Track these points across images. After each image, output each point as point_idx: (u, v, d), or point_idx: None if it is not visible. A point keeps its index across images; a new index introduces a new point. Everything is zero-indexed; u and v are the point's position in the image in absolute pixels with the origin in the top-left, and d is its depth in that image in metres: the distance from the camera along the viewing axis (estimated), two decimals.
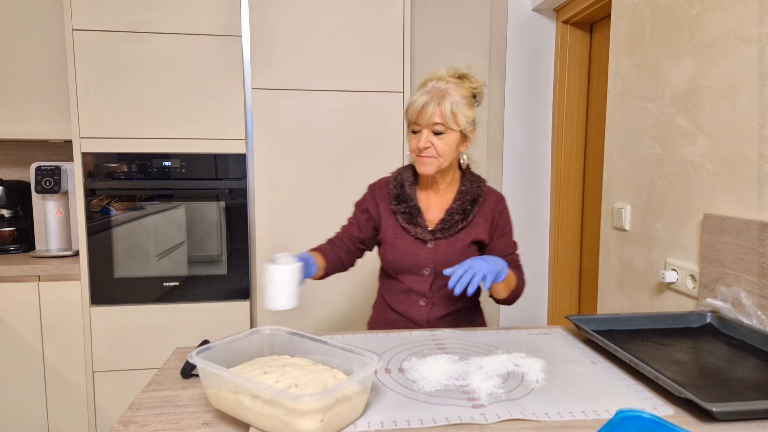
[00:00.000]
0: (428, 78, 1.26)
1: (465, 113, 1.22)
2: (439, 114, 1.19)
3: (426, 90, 1.21)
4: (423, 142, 1.21)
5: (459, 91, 1.22)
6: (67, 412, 2.02)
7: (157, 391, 0.89)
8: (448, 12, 2.42)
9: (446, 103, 1.19)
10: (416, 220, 1.30)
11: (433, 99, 1.19)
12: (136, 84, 1.95)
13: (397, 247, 1.30)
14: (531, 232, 2.54)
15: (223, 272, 2.06)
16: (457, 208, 1.30)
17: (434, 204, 1.33)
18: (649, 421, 0.70)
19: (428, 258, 1.28)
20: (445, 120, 1.19)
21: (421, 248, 1.29)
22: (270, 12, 2.00)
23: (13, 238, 2.24)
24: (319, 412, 0.69)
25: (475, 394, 0.84)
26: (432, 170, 1.24)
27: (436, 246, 1.29)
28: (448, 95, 1.20)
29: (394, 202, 1.32)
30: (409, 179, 1.34)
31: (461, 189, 1.32)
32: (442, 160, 1.23)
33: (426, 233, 1.29)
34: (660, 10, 1.46)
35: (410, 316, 1.31)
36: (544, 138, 2.50)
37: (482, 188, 1.34)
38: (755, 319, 1.09)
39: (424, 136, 1.21)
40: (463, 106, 1.22)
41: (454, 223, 1.29)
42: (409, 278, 1.31)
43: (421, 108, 1.19)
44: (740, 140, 1.19)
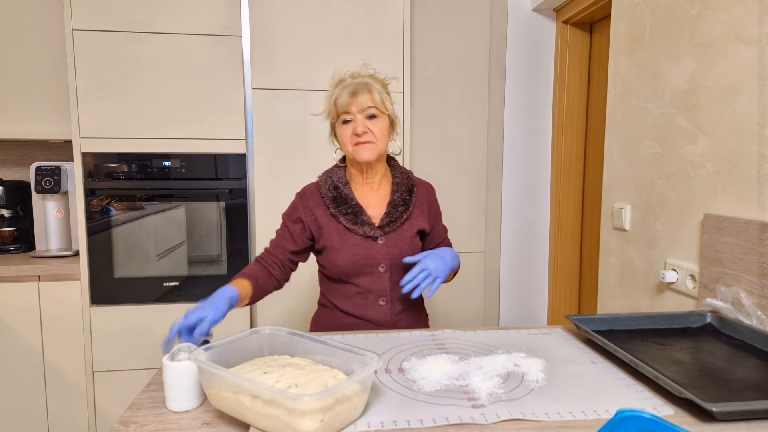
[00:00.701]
0: (341, 76, 1.27)
1: (389, 101, 1.26)
2: (370, 100, 1.22)
3: (346, 84, 1.24)
4: (361, 127, 1.22)
5: (377, 82, 1.26)
6: (67, 412, 2.02)
7: (157, 391, 0.89)
8: (448, 12, 2.42)
9: (374, 90, 1.23)
10: (360, 219, 1.28)
11: (361, 87, 1.22)
12: (136, 84, 1.95)
13: (346, 250, 1.27)
14: (531, 232, 2.54)
15: (223, 272, 2.06)
16: (398, 200, 1.31)
17: (372, 200, 1.32)
18: (649, 421, 0.70)
19: (381, 254, 1.27)
20: (376, 104, 1.22)
21: (372, 246, 1.27)
22: (270, 12, 2.00)
23: (13, 238, 2.24)
24: (319, 412, 0.69)
25: (475, 394, 0.84)
26: (373, 155, 1.24)
27: (387, 241, 1.28)
28: (371, 84, 1.23)
29: (332, 206, 1.29)
30: (342, 179, 1.31)
31: (395, 181, 1.34)
32: (380, 145, 1.25)
33: (374, 230, 1.28)
34: (660, 10, 1.46)
35: (370, 318, 1.29)
36: (544, 138, 2.50)
37: (412, 178, 1.37)
38: (755, 319, 1.09)
39: (359, 121, 1.22)
40: (385, 94, 1.26)
41: (398, 215, 1.30)
42: (364, 279, 1.28)
43: (352, 96, 1.21)
44: (740, 140, 1.19)
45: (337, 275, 1.31)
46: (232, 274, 2.06)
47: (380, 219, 1.29)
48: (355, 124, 1.23)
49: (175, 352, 0.85)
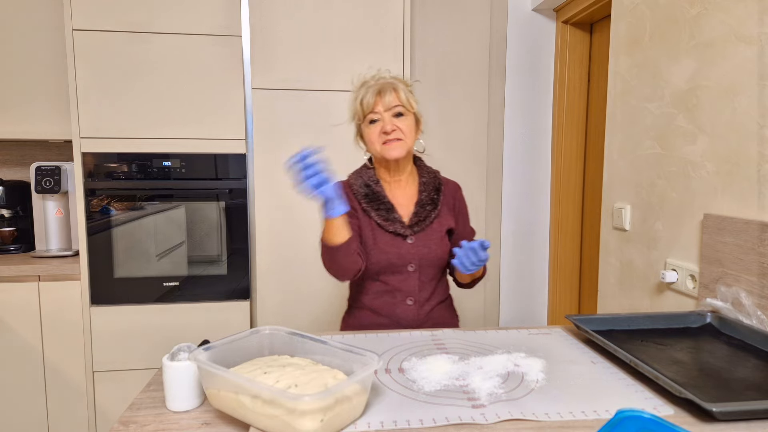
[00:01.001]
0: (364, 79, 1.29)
1: (414, 99, 1.27)
2: (396, 98, 1.23)
3: (371, 84, 1.25)
4: (389, 125, 1.22)
5: (401, 82, 1.27)
6: (67, 412, 2.02)
7: (157, 391, 0.89)
8: (448, 12, 2.42)
9: (399, 88, 1.24)
10: (392, 216, 1.29)
11: (386, 87, 1.23)
12: (136, 84, 1.95)
13: (378, 247, 1.27)
14: (531, 232, 2.54)
15: (223, 272, 2.06)
16: (426, 199, 1.32)
17: (400, 199, 1.33)
18: (649, 421, 0.70)
19: (411, 253, 1.28)
20: (403, 102, 1.23)
21: (402, 244, 1.28)
22: (270, 12, 2.00)
23: (13, 238, 2.24)
24: (319, 412, 0.69)
25: (475, 394, 0.84)
26: (402, 153, 1.25)
27: (416, 240, 1.29)
28: (396, 84, 1.25)
29: (365, 201, 1.30)
30: (372, 178, 1.33)
31: (422, 180, 1.35)
32: (408, 141, 1.25)
33: (404, 228, 1.28)
34: (660, 10, 1.46)
35: (398, 317, 1.29)
36: (544, 138, 2.50)
37: (438, 177, 1.38)
38: (755, 319, 1.09)
39: (387, 119, 1.23)
40: (410, 94, 1.27)
41: (427, 214, 1.30)
42: (393, 278, 1.29)
43: (378, 96, 1.22)
44: (740, 140, 1.19)
45: (370, 272, 1.31)
46: (232, 274, 2.06)
47: (409, 218, 1.30)
48: (382, 122, 1.23)
49: (175, 352, 0.86)
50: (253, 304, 2.11)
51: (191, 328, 2.04)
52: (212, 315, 2.05)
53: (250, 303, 2.09)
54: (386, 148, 1.24)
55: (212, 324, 2.05)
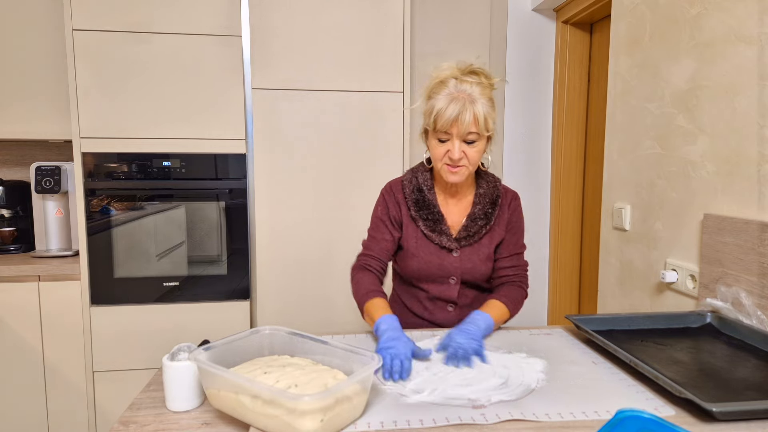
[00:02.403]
0: (444, 76, 1.15)
1: (492, 117, 1.14)
2: (474, 123, 1.10)
3: (451, 94, 1.11)
4: (457, 154, 1.12)
5: (484, 93, 1.13)
6: (67, 412, 2.02)
7: (157, 391, 0.89)
8: (448, 12, 2.42)
9: (478, 110, 1.10)
10: (439, 228, 1.23)
11: (466, 107, 1.10)
12: (136, 84, 1.95)
13: (420, 257, 1.24)
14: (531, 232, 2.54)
15: (223, 272, 2.06)
16: (479, 213, 1.24)
17: (453, 209, 1.27)
18: (648, 421, 0.70)
19: (454, 267, 1.24)
20: (479, 129, 1.12)
21: (446, 257, 1.23)
22: (270, 12, 2.00)
23: (13, 238, 2.24)
24: (319, 412, 0.69)
25: (476, 395, 0.84)
26: (462, 179, 1.18)
27: (462, 254, 1.24)
28: (477, 100, 1.11)
29: (414, 208, 1.24)
30: (427, 183, 1.26)
31: (479, 192, 1.26)
32: (472, 168, 1.18)
33: (451, 242, 1.23)
34: (660, 10, 1.46)
35: (439, 321, 1.28)
36: (544, 138, 2.50)
37: (498, 188, 1.28)
38: (755, 319, 1.09)
39: (456, 146, 1.12)
40: (490, 108, 1.14)
41: (477, 230, 1.24)
42: (433, 287, 1.26)
43: (456, 118, 1.10)
44: (740, 140, 1.19)
45: (408, 277, 1.29)
46: (232, 274, 2.06)
47: (458, 230, 1.25)
48: (451, 147, 1.13)
49: (175, 352, 0.86)
50: (253, 304, 2.11)
51: (191, 328, 2.04)
52: (212, 315, 2.05)
53: (250, 303, 2.09)
54: (446, 172, 1.17)
55: (212, 324, 2.05)
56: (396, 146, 2.10)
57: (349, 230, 2.10)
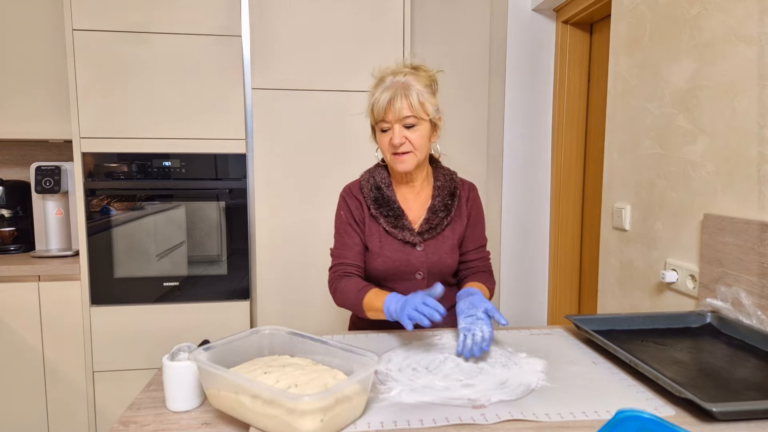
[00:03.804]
0: (382, 74, 1.21)
1: (431, 101, 1.18)
2: (407, 106, 1.15)
3: (386, 86, 1.17)
4: (398, 138, 1.16)
5: (419, 80, 1.18)
6: (67, 412, 2.02)
7: (157, 391, 0.89)
8: (448, 12, 2.42)
9: (412, 94, 1.15)
10: (401, 223, 1.24)
11: (398, 92, 1.15)
12: (136, 84, 1.95)
13: (385, 255, 1.24)
14: (531, 232, 2.54)
15: (223, 272, 2.06)
16: (439, 205, 1.26)
17: (413, 204, 1.28)
18: (648, 421, 0.70)
19: (420, 261, 1.24)
20: (415, 111, 1.15)
21: (411, 252, 1.24)
22: (270, 12, 2.00)
23: (13, 238, 2.24)
24: (319, 412, 0.69)
25: (476, 395, 0.84)
26: (411, 166, 1.20)
27: (426, 248, 1.25)
28: (411, 86, 1.16)
29: (374, 206, 1.25)
30: (385, 180, 1.27)
31: (437, 185, 1.28)
32: (419, 154, 1.19)
33: (414, 236, 1.24)
34: (660, 10, 1.46)
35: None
36: (544, 138, 2.50)
37: (456, 180, 1.31)
38: (755, 319, 1.09)
39: (396, 131, 1.16)
40: (427, 94, 1.18)
41: (439, 221, 1.25)
42: (400, 285, 1.25)
43: (388, 104, 1.15)
44: (740, 140, 1.19)
45: (374, 278, 1.29)
46: (232, 274, 2.06)
47: (420, 225, 1.25)
48: (392, 133, 1.17)
49: (175, 352, 0.86)
50: (253, 304, 2.11)
51: (191, 328, 2.04)
52: (212, 315, 2.05)
53: (250, 303, 2.09)
54: (395, 161, 1.20)
55: (212, 324, 2.05)
56: None
57: None
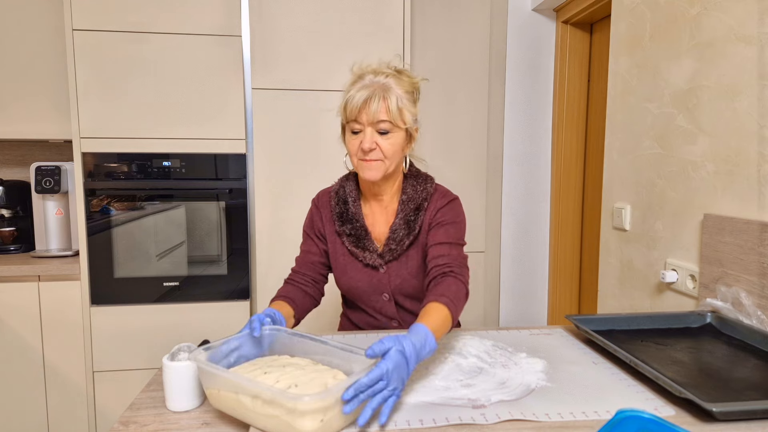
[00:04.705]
0: (362, 72, 1.10)
1: (410, 110, 1.09)
2: (384, 110, 1.05)
3: (364, 84, 1.07)
4: (368, 143, 1.05)
5: (401, 85, 1.08)
6: (67, 412, 2.02)
7: (157, 391, 0.89)
8: (448, 12, 2.42)
9: (391, 97, 1.05)
10: (363, 243, 1.16)
11: (376, 93, 1.04)
12: (136, 84, 1.95)
13: (348, 274, 1.18)
14: (531, 232, 2.54)
15: (223, 272, 2.06)
16: (400, 223, 1.15)
17: (379, 218, 1.20)
18: (648, 421, 0.70)
19: (383, 284, 1.17)
20: (391, 117, 1.05)
21: (374, 275, 1.17)
22: (270, 12, 2.00)
23: (13, 238, 2.24)
24: (319, 412, 0.69)
25: (476, 395, 0.84)
26: (378, 175, 1.09)
27: (389, 270, 1.17)
28: (391, 89, 1.06)
29: (338, 222, 1.18)
30: (352, 194, 1.19)
31: (403, 198, 1.17)
32: (388, 163, 1.09)
33: (375, 258, 1.16)
34: (660, 10, 1.46)
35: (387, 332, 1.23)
36: (544, 138, 2.50)
37: (428, 191, 1.17)
38: (755, 319, 1.09)
39: (368, 135, 1.06)
40: (407, 101, 1.08)
41: (399, 241, 1.15)
42: (370, 304, 1.21)
43: (364, 103, 1.04)
44: (740, 140, 1.19)
45: (344, 293, 1.26)
46: (232, 274, 2.06)
47: (383, 245, 1.17)
48: (363, 137, 1.07)
49: (175, 352, 0.86)
50: (253, 304, 2.11)
51: (191, 328, 2.04)
52: (212, 315, 2.05)
53: (250, 303, 2.09)
54: (362, 166, 1.09)
55: (212, 324, 2.05)
56: None
57: None
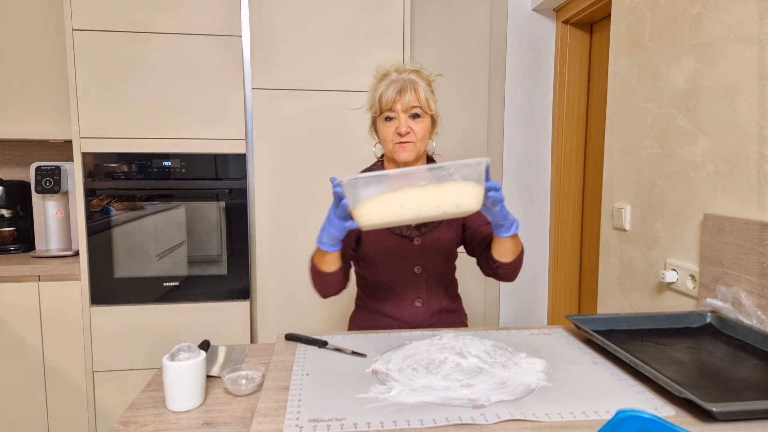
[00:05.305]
0: (386, 71, 1.25)
1: (433, 99, 1.24)
2: (415, 99, 1.20)
3: (392, 79, 1.21)
4: (404, 127, 1.19)
5: (422, 79, 1.23)
6: (67, 412, 2.02)
7: (157, 391, 0.89)
8: (447, 12, 2.42)
9: (419, 88, 1.21)
10: None
11: (407, 85, 1.20)
12: (136, 84, 1.95)
13: (383, 249, 1.26)
14: (531, 232, 2.54)
15: (223, 272, 2.06)
16: None
17: None
18: (649, 421, 0.70)
19: (417, 255, 1.27)
20: (421, 104, 1.20)
21: (409, 246, 1.27)
22: (270, 12, 2.00)
23: (13, 238, 2.24)
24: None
25: (476, 395, 0.84)
26: (412, 156, 1.22)
27: (423, 242, 1.27)
28: (417, 82, 1.21)
29: None
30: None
31: None
32: (420, 145, 1.23)
33: (410, 230, 1.27)
34: (660, 10, 1.46)
35: (406, 319, 1.29)
36: (544, 138, 2.50)
37: None
38: (755, 319, 1.09)
39: (403, 121, 1.20)
40: (430, 93, 1.24)
41: None
42: (399, 280, 1.29)
43: (397, 94, 1.19)
44: (740, 140, 1.19)
45: (372, 275, 1.31)
46: (232, 274, 2.06)
47: None
48: (398, 122, 1.21)
49: (175, 352, 0.86)
50: (253, 304, 2.11)
51: (191, 328, 2.04)
52: (212, 315, 2.05)
53: (250, 303, 2.09)
54: (398, 149, 1.22)
55: (212, 324, 2.05)
56: None
57: None
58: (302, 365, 0.97)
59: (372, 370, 0.94)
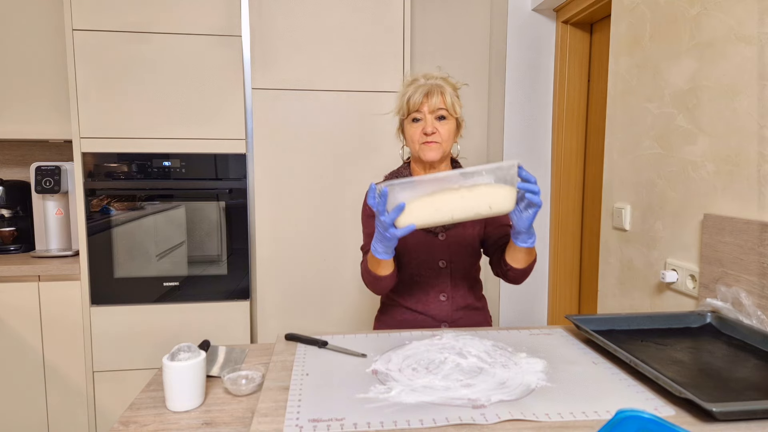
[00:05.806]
0: (414, 77, 1.31)
1: (459, 104, 1.30)
2: (442, 102, 1.25)
3: (420, 84, 1.27)
4: (430, 127, 1.25)
5: (449, 85, 1.29)
6: (67, 412, 2.02)
7: (157, 391, 0.89)
8: (448, 12, 2.42)
9: (446, 93, 1.26)
10: None
11: (434, 89, 1.26)
12: (136, 84, 1.95)
13: (408, 244, 1.30)
14: None
15: (223, 272, 2.06)
16: None
17: None
18: (649, 421, 0.70)
19: (442, 250, 1.32)
20: (447, 107, 1.26)
21: (434, 241, 1.32)
22: (270, 12, 2.00)
23: (13, 238, 2.24)
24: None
25: (476, 395, 0.84)
26: (438, 156, 1.27)
27: (448, 237, 1.32)
28: (444, 87, 1.27)
29: None
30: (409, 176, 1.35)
31: None
32: (445, 145, 1.28)
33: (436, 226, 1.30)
34: (660, 10, 1.46)
35: (431, 313, 1.32)
36: (544, 138, 2.50)
37: None
38: (755, 319, 1.09)
39: (429, 121, 1.25)
40: (456, 98, 1.29)
41: None
42: (424, 274, 1.33)
43: (425, 97, 1.25)
44: (740, 140, 1.19)
45: (399, 267, 1.33)
46: (232, 274, 2.06)
47: None
48: (424, 123, 1.26)
49: (175, 352, 0.86)
50: (253, 304, 2.11)
51: (191, 328, 2.04)
52: (212, 315, 2.05)
53: (250, 303, 2.09)
54: (424, 148, 1.27)
55: (212, 324, 2.05)
56: (395, 146, 2.10)
57: (349, 230, 2.10)
58: (302, 365, 0.97)
59: (372, 370, 0.94)
